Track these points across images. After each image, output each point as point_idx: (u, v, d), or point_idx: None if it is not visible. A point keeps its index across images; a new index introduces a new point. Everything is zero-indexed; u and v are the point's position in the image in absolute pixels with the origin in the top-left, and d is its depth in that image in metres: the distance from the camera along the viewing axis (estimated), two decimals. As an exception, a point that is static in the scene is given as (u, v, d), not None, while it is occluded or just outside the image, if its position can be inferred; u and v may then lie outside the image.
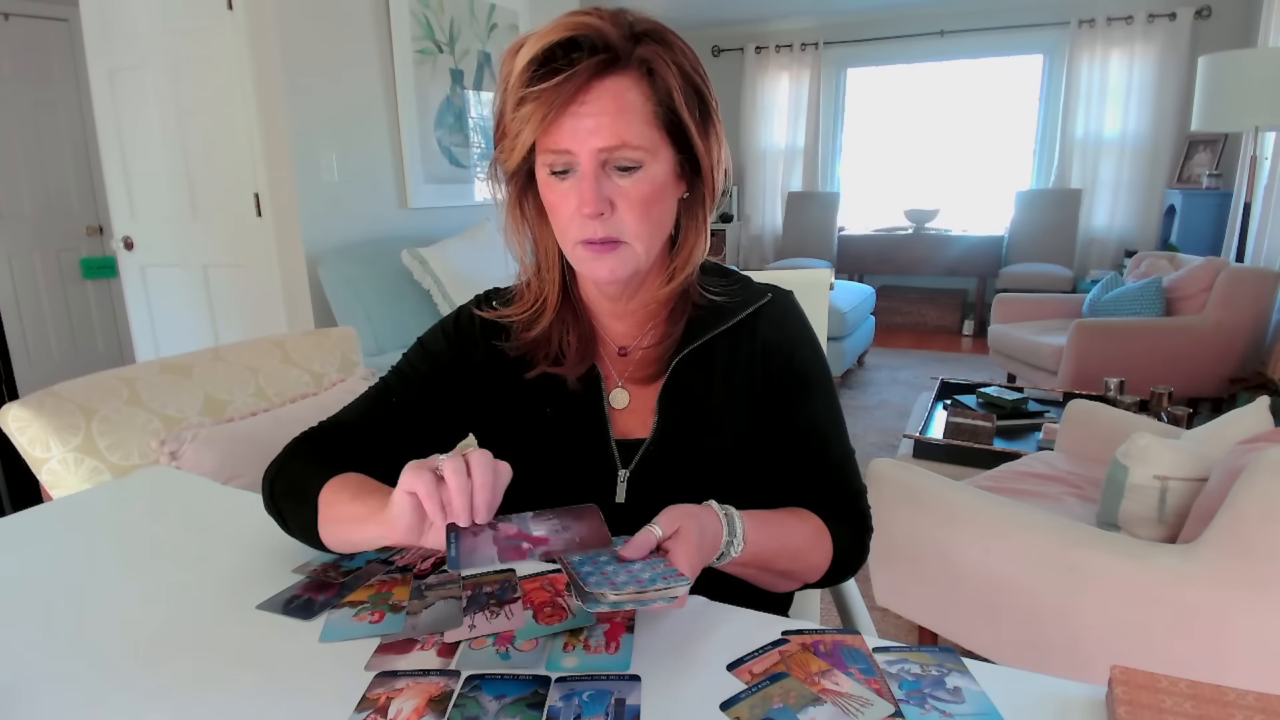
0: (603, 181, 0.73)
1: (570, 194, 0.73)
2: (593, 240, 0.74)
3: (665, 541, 0.67)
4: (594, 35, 0.70)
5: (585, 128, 0.71)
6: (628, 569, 0.64)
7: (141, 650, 0.66)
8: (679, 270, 0.81)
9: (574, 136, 0.71)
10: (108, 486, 1.07)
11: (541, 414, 0.85)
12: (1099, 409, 2.24)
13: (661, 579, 0.62)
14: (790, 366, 0.85)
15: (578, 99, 0.70)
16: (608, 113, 0.70)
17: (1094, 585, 1.34)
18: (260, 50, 2.74)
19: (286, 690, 0.61)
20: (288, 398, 1.52)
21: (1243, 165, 3.99)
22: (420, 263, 3.03)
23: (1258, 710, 0.53)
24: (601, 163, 0.72)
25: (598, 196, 0.72)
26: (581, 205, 0.72)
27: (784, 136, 6.33)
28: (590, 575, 0.62)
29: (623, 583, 0.61)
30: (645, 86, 0.72)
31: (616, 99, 0.71)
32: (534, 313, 0.84)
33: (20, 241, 4.02)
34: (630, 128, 0.71)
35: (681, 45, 0.75)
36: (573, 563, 0.65)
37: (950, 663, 0.62)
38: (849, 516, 0.86)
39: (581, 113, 0.70)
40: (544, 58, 0.70)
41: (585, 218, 0.73)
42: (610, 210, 0.73)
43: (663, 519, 0.68)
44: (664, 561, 0.65)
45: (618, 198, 0.73)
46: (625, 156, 0.72)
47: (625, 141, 0.71)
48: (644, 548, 0.66)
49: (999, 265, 5.51)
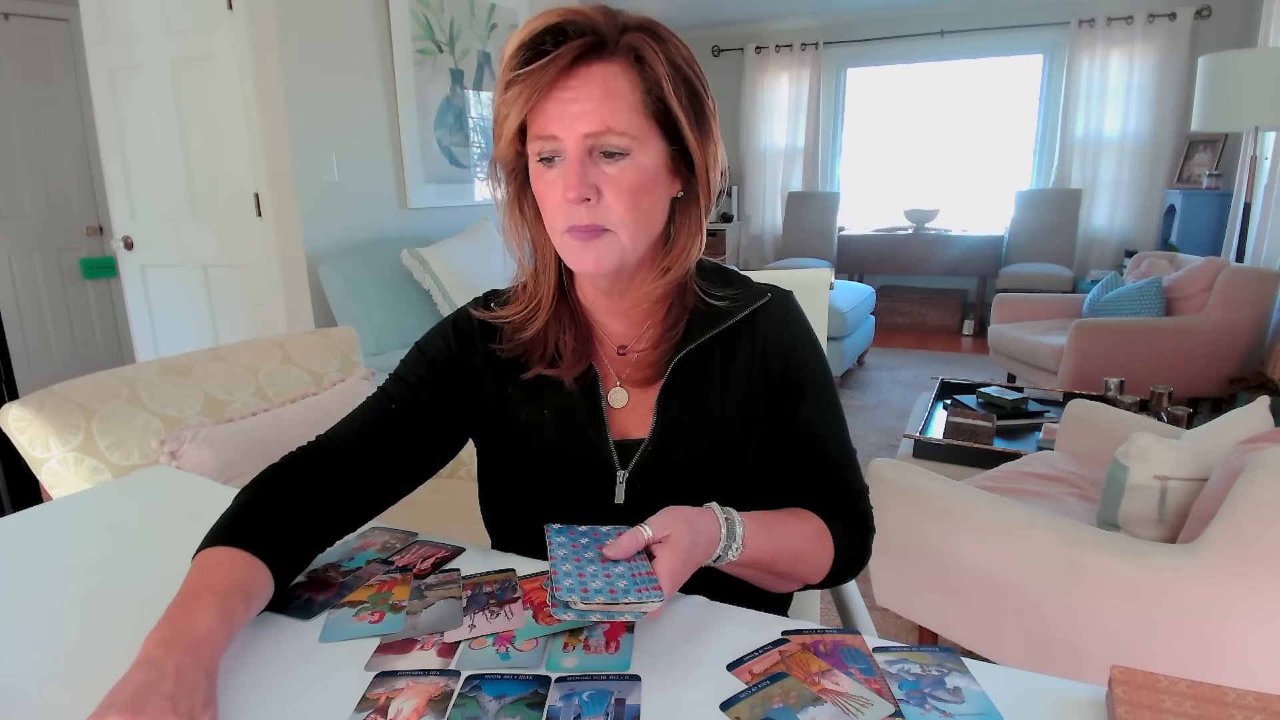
0: (589, 168, 0.73)
1: (557, 181, 0.74)
2: (578, 227, 0.74)
3: (654, 545, 0.67)
4: (581, 21, 0.71)
5: (571, 113, 0.71)
6: (607, 572, 0.63)
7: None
8: (671, 267, 0.81)
9: (561, 122, 0.71)
10: (108, 486, 1.07)
11: (540, 415, 0.85)
12: (1099, 409, 2.24)
13: (636, 590, 0.61)
14: (790, 367, 0.85)
15: (562, 83, 0.71)
16: (593, 98, 0.71)
17: (1094, 585, 1.34)
18: (260, 50, 2.74)
19: (286, 690, 0.61)
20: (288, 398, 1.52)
21: (1243, 165, 3.99)
22: (420, 263, 3.03)
23: (1258, 710, 0.53)
24: (588, 149, 0.72)
25: (582, 181, 0.72)
26: (567, 190, 0.72)
27: (784, 136, 6.32)
28: (566, 577, 0.62)
29: (595, 590, 0.61)
30: (634, 74, 0.72)
31: (603, 85, 0.71)
32: (528, 313, 0.84)
33: (20, 241, 4.02)
34: (616, 114, 0.71)
35: (675, 42, 0.75)
36: (555, 559, 0.64)
37: (950, 663, 0.63)
38: (850, 517, 0.85)
39: (567, 98, 0.71)
40: (532, 44, 0.71)
41: (570, 203, 0.73)
42: (597, 197, 0.73)
43: (656, 521, 0.68)
44: (647, 567, 0.65)
45: (604, 184, 0.73)
46: (611, 143, 0.72)
47: (610, 127, 0.71)
48: (629, 549, 0.65)
49: (999, 265, 5.50)
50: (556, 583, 0.61)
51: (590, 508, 0.82)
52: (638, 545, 0.66)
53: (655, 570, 0.64)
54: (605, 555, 0.65)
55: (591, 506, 0.82)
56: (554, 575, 0.62)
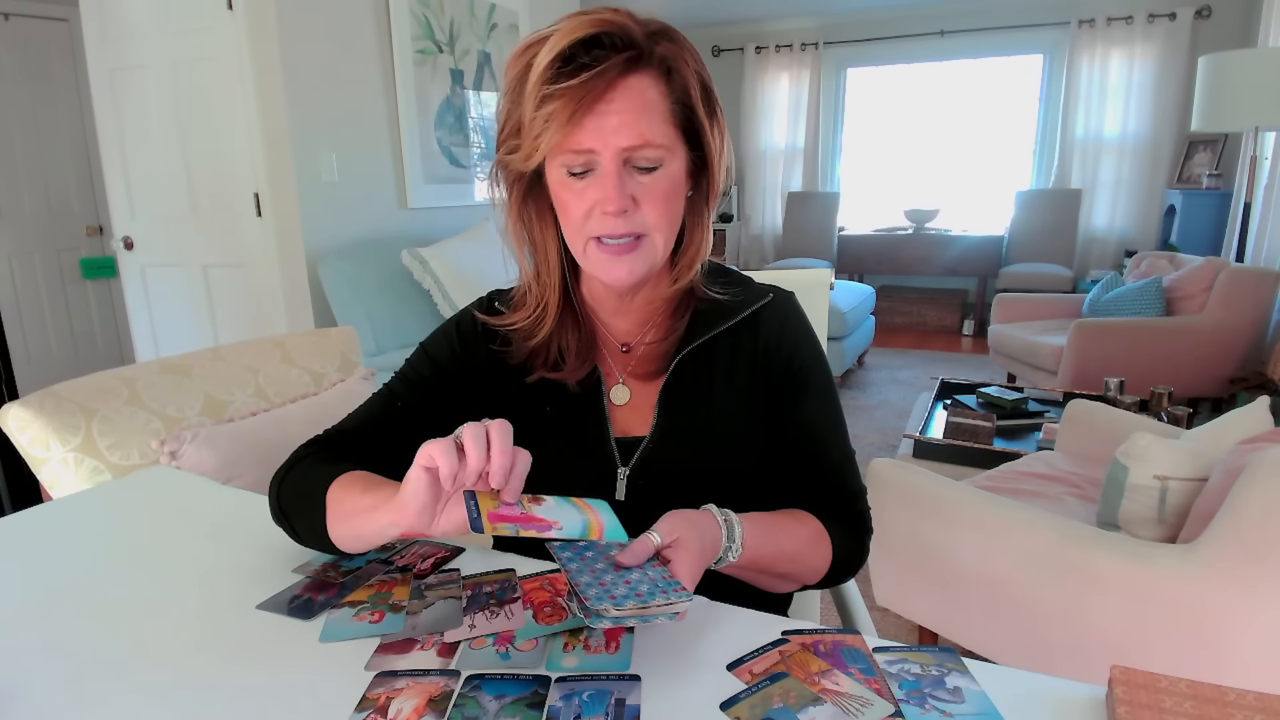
0: (625, 179, 0.73)
1: (587, 191, 0.73)
2: (614, 236, 0.74)
3: (665, 550, 0.66)
4: (618, 32, 0.70)
5: (609, 126, 0.70)
6: (625, 578, 0.63)
7: (141, 650, 0.66)
8: (684, 269, 0.82)
9: (598, 135, 0.71)
10: (108, 486, 1.07)
11: (541, 412, 0.85)
12: (1099, 409, 2.24)
13: (660, 592, 0.61)
14: (791, 367, 0.85)
15: (605, 96, 0.70)
16: (631, 111, 0.70)
17: (1094, 585, 1.34)
18: (260, 50, 2.74)
19: (286, 690, 0.61)
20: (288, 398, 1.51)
21: (1243, 165, 3.99)
22: (420, 263, 3.03)
23: (1258, 710, 0.53)
24: (624, 160, 0.72)
25: (622, 194, 0.72)
26: (605, 203, 0.72)
27: (784, 136, 6.33)
28: (589, 587, 0.62)
29: (622, 596, 0.60)
30: (664, 85, 0.73)
31: (639, 97, 0.71)
32: (536, 319, 0.85)
33: (20, 241, 4.02)
34: (652, 126, 0.71)
35: (689, 45, 0.76)
36: (570, 571, 0.64)
37: (950, 663, 0.62)
38: (848, 518, 0.85)
39: (607, 110, 0.70)
40: (567, 55, 0.69)
41: (608, 215, 0.73)
42: (634, 207, 0.74)
43: (662, 526, 0.68)
44: (665, 571, 0.65)
45: (640, 194, 0.74)
46: (647, 156, 0.72)
47: (648, 141, 0.71)
48: (641, 555, 0.65)
49: (999, 265, 5.51)
50: (582, 593, 0.61)
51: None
52: (649, 552, 0.66)
53: (674, 573, 0.64)
54: (620, 563, 0.65)
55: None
56: (576, 587, 0.62)
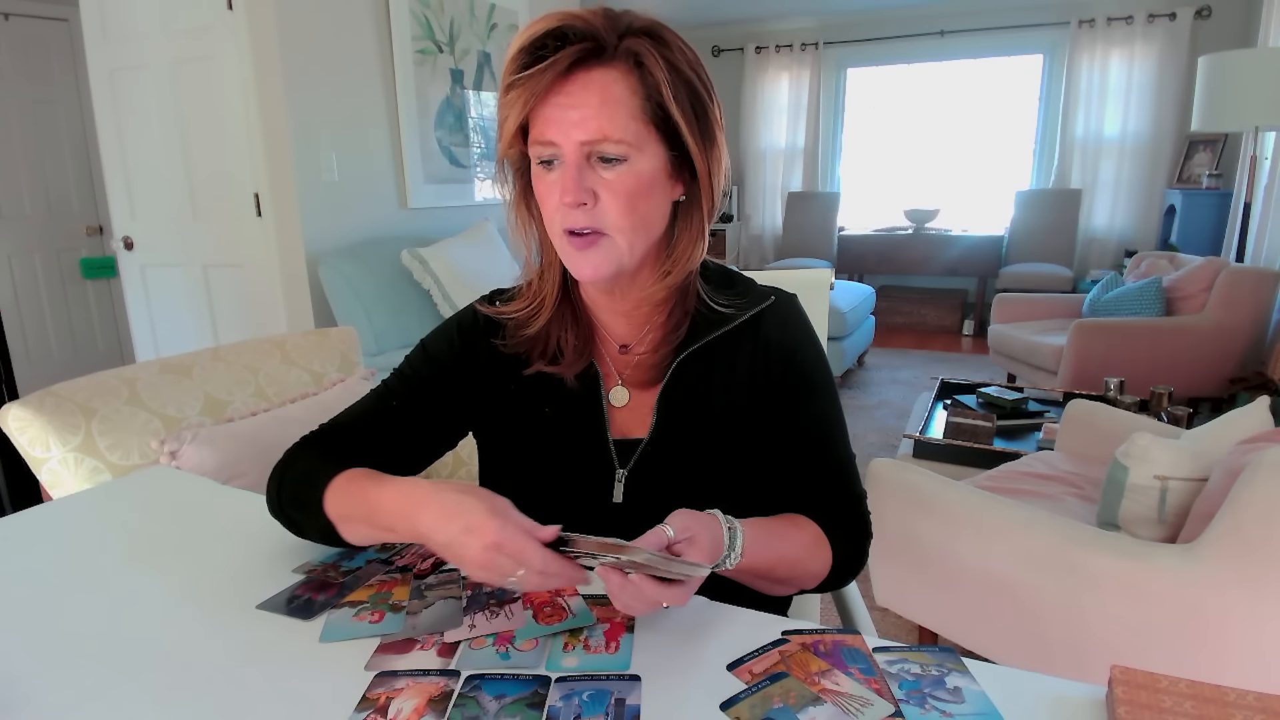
0: (586, 172, 0.73)
1: (555, 184, 0.74)
2: (574, 230, 0.75)
3: (676, 545, 0.67)
4: (580, 26, 0.71)
5: (569, 120, 0.71)
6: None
7: (142, 650, 0.66)
8: (672, 270, 0.81)
9: (559, 128, 0.72)
10: (108, 486, 1.07)
11: (540, 412, 0.85)
12: (1099, 409, 2.24)
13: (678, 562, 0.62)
14: (792, 370, 0.85)
15: (560, 88, 0.71)
16: (590, 105, 0.71)
17: (1094, 585, 1.34)
18: (260, 50, 2.74)
19: (286, 690, 0.61)
20: (288, 398, 1.51)
21: (1243, 165, 3.99)
22: (420, 263, 3.03)
23: (1258, 710, 0.53)
24: (586, 154, 0.73)
25: (579, 186, 0.72)
26: (563, 194, 0.73)
27: (784, 136, 6.33)
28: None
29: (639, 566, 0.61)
30: (633, 80, 0.72)
31: (601, 91, 0.71)
32: (532, 310, 0.85)
33: (20, 241, 4.02)
34: (614, 121, 0.71)
35: (680, 45, 0.75)
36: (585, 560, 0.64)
37: (950, 663, 0.63)
38: (848, 521, 0.85)
39: (565, 104, 0.71)
40: (532, 47, 0.71)
41: (567, 207, 0.74)
42: (593, 201, 0.74)
43: (675, 522, 0.67)
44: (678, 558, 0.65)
45: (601, 189, 0.74)
46: (607, 150, 0.72)
47: (606, 135, 0.71)
48: (654, 545, 0.65)
49: (999, 265, 5.50)
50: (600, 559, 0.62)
51: (589, 506, 0.82)
52: (661, 544, 0.66)
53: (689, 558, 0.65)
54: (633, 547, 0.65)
55: (590, 505, 0.83)
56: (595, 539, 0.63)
